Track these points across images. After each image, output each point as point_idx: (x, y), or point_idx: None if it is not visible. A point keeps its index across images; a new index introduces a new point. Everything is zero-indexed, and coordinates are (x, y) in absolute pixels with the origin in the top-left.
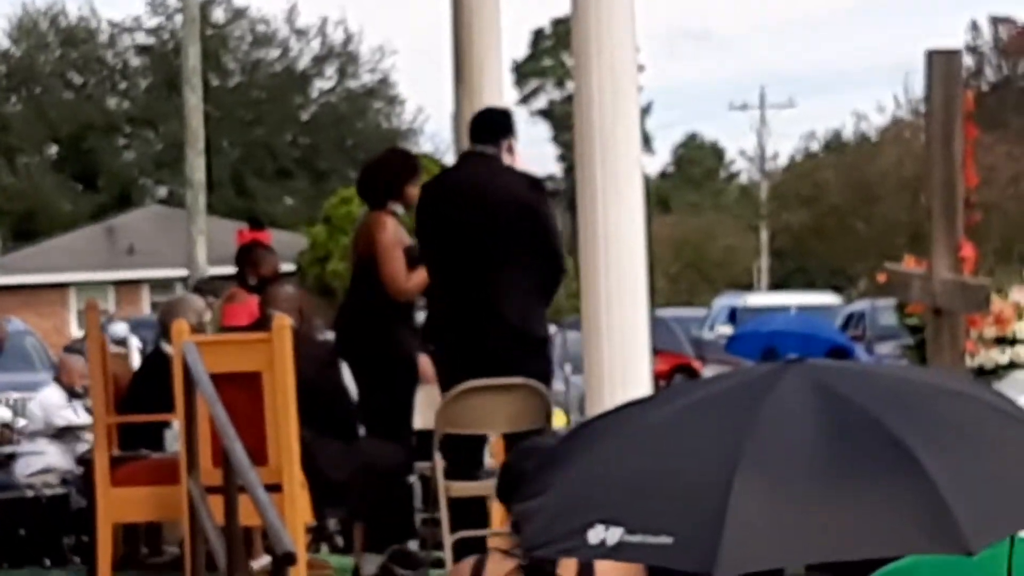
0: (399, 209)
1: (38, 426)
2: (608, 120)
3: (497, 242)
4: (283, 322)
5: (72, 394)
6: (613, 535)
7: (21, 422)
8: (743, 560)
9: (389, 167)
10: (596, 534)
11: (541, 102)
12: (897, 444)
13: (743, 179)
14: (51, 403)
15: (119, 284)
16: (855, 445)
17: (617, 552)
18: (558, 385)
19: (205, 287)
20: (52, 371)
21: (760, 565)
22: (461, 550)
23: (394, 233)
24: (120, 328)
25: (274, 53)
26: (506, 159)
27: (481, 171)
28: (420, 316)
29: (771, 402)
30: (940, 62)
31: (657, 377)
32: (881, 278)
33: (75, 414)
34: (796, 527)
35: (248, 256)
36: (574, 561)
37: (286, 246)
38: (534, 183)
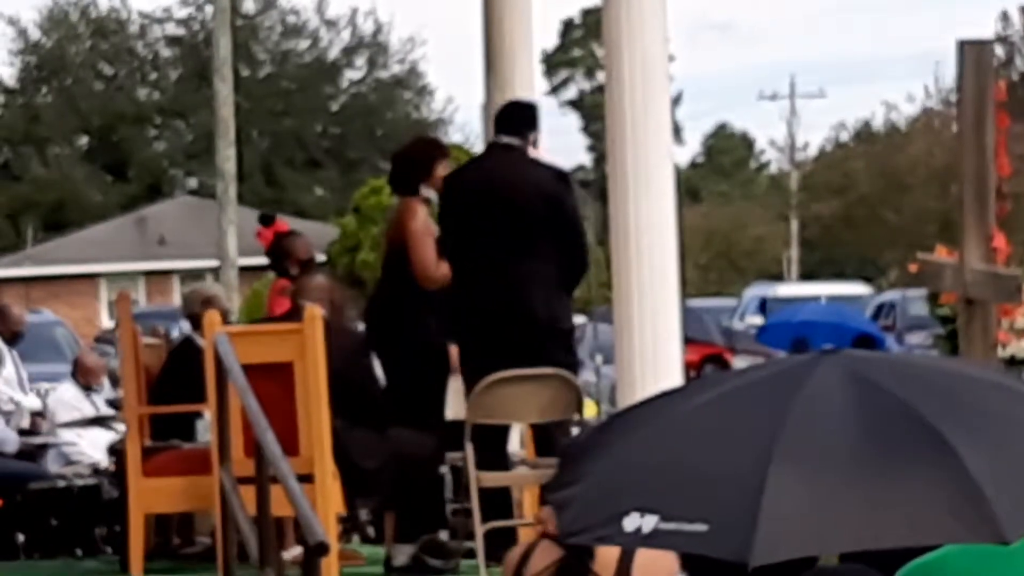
0: (431, 194)
1: (64, 419)
2: (639, 110)
3: (522, 233)
4: (314, 312)
5: (89, 389)
6: (648, 523)
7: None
8: (778, 548)
9: (418, 149)
10: (632, 522)
11: (571, 92)
12: (933, 433)
13: (773, 169)
14: (66, 399)
15: (149, 275)
16: (891, 434)
17: (652, 540)
18: (587, 375)
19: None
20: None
21: (795, 553)
22: (492, 540)
23: (425, 220)
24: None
25: (304, 44)
26: (531, 153)
27: (507, 162)
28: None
29: (807, 392)
30: (971, 52)
31: (688, 367)
32: (912, 268)
33: (94, 408)
34: (832, 516)
35: (280, 250)
36: (614, 558)
37: (316, 236)
38: (559, 175)
